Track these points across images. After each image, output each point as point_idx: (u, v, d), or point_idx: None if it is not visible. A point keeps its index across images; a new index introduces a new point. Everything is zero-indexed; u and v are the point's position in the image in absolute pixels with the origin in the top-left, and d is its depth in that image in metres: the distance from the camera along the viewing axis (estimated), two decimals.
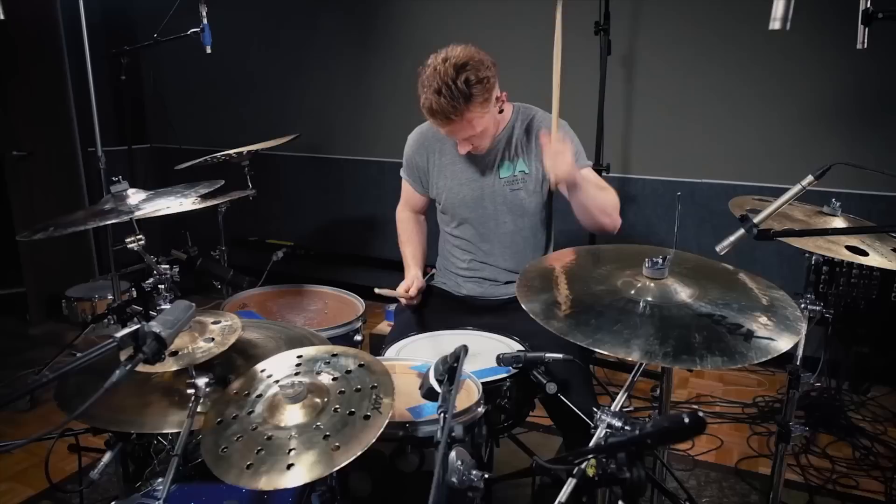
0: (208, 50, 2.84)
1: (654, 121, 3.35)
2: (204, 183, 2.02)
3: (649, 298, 1.27)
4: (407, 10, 3.81)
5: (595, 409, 1.25)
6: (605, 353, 1.13)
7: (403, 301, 2.03)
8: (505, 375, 1.56)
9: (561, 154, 1.70)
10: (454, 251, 2.12)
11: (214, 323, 1.38)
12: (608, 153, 3.19)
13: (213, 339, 1.32)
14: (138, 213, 1.79)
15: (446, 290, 2.15)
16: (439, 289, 2.17)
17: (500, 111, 1.90)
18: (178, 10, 3.11)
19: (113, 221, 1.75)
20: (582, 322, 1.19)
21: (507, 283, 2.07)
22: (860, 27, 1.41)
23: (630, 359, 1.12)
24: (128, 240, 1.81)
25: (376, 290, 2.01)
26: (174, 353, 1.26)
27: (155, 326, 1.00)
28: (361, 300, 2.24)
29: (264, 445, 1.10)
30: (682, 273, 1.36)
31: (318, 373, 1.24)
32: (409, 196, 2.20)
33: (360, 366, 1.25)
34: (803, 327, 1.23)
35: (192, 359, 1.26)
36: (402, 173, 2.18)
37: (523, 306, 1.27)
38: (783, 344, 1.15)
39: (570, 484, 1.14)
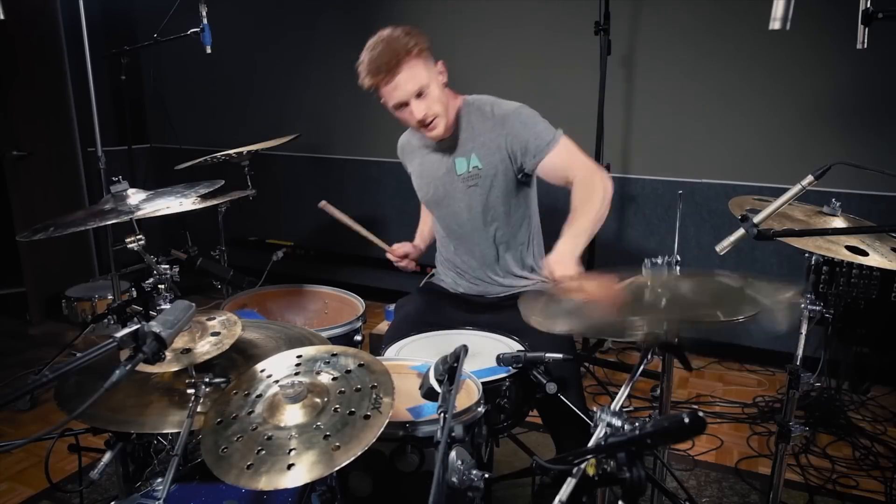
0: (208, 50, 2.85)
1: (654, 121, 3.35)
2: (204, 183, 2.02)
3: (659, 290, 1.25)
4: (407, 11, 3.81)
5: (595, 409, 1.25)
6: (610, 337, 1.12)
7: (391, 258, 2.15)
8: (505, 375, 1.56)
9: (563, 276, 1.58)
10: (443, 249, 2.16)
11: (211, 320, 1.38)
12: (608, 153, 3.19)
13: (213, 338, 1.32)
14: (138, 214, 1.79)
15: (444, 288, 2.15)
16: (438, 286, 2.17)
17: (446, 84, 1.89)
18: (178, 10, 3.11)
19: (113, 221, 1.74)
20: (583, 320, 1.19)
21: (499, 283, 2.06)
22: (860, 27, 1.41)
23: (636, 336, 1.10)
24: (128, 240, 1.80)
25: (322, 203, 2.12)
26: (177, 352, 1.26)
27: (155, 326, 1.00)
28: (361, 300, 2.24)
29: (264, 445, 1.10)
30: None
31: (318, 373, 1.24)
32: None
33: (360, 365, 1.25)
34: (804, 325, 1.23)
35: (192, 359, 1.26)
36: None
37: (527, 320, 1.25)
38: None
39: (570, 484, 1.14)
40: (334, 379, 1.22)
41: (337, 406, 1.15)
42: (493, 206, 1.95)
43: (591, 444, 1.22)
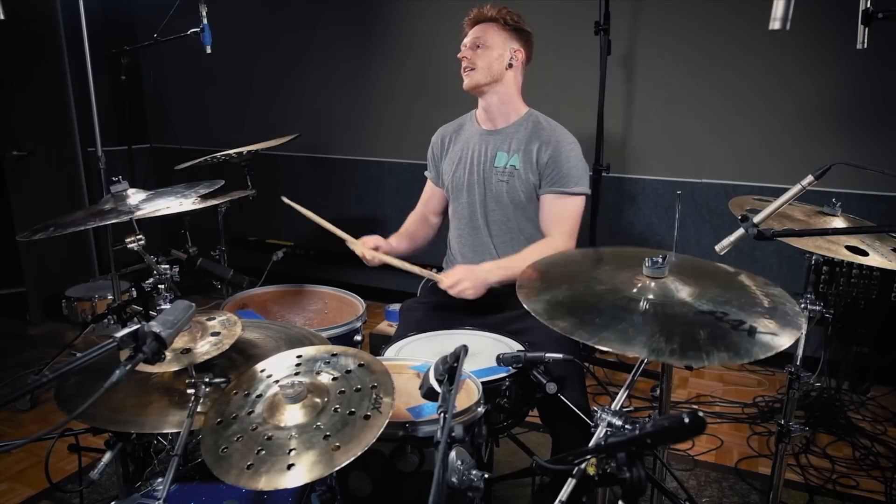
0: (208, 50, 2.85)
1: (654, 121, 3.35)
2: (204, 183, 2.02)
3: (651, 297, 1.27)
4: (407, 11, 3.81)
5: (595, 409, 1.25)
6: (611, 350, 1.12)
7: (356, 250, 2.04)
8: (504, 375, 1.56)
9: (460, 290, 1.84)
10: (454, 242, 2.17)
11: (211, 320, 1.38)
12: (608, 153, 3.19)
13: (213, 338, 1.32)
14: (138, 214, 1.79)
15: None
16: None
17: (510, 65, 2.03)
18: (178, 10, 3.11)
19: (113, 221, 1.75)
20: (586, 321, 1.19)
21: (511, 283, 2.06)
22: (860, 27, 1.41)
23: (636, 356, 1.12)
24: (128, 240, 1.81)
25: (284, 199, 2.08)
26: (177, 352, 1.26)
27: (155, 326, 1.00)
28: (361, 300, 2.24)
29: (264, 445, 1.10)
30: (683, 273, 1.36)
31: (318, 373, 1.24)
32: (428, 196, 2.29)
33: (360, 365, 1.25)
34: (803, 323, 1.23)
35: (192, 359, 1.26)
36: (426, 174, 2.30)
37: (525, 306, 1.27)
38: (785, 339, 1.15)
39: (570, 484, 1.14)
40: (334, 379, 1.22)
41: (337, 406, 1.15)
42: (512, 204, 2.04)
43: (591, 444, 1.22)
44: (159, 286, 1.84)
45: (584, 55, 3.21)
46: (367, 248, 2.01)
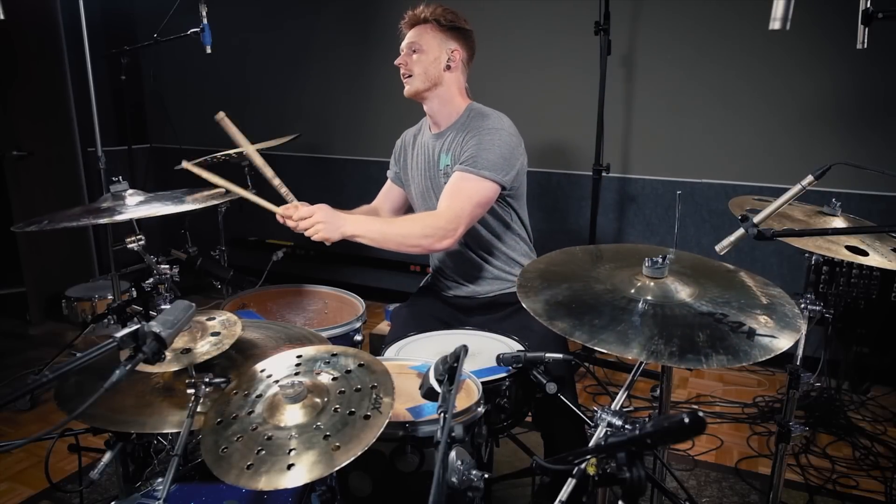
0: (208, 50, 2.85)
1: (654, 121, 3.35)
2: (203, 188, 2.03)
3: (650, 298, 1.27)
4: (407, 11, 3.81)
5: (595, 409, 1.25)
6: (609, 352, 1.12)
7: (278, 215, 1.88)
8: (505, 375, 1.56)
9: (311, 225, 1.77)
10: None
11: (211, 320, 1.38)
12: (608, 153, 3.19)
13: (213, 338, 1.32)
14: (135, 213, 1.79)
15: (439, 291, 2.16)
16: (434, 289, 2.18)
17: (448, 67, 1.96)
18: (178, 9, 3.11)
19: (107, 221, 1.74)
20: (585, 322, 1.19)
21: (481, 283, 2.06)
22: (860, 27, 1.42)
23: (635, 358, 1.12)
24: (128, 240, 1.81)
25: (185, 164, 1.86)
26: (177, 352, 1.26)
27: (155, 326, 1.00)
28: (361, 300, 2.24)
29: (264, 445, 1.10)
30: (682, 272, 1.36)
31: (318, 373, 1.24)
32: (385, 191, 2.26)
33: (360, 365, 1.25)
34: (803, 324, 1.23)
35: (192, 359, 1.26)
36: (388, 172, 2.27)
37: (524, 306, 1.27)
38: (784, 342, 1.16)
39: (570, 484, 1.14)
40: (334, 379, 1.22)
41: (337, 406, 1.15)
42: None
43: (591, 444, 1.22)
44: (159, 286, 1.85)
45: (584, 55, 3.21)
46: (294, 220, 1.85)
